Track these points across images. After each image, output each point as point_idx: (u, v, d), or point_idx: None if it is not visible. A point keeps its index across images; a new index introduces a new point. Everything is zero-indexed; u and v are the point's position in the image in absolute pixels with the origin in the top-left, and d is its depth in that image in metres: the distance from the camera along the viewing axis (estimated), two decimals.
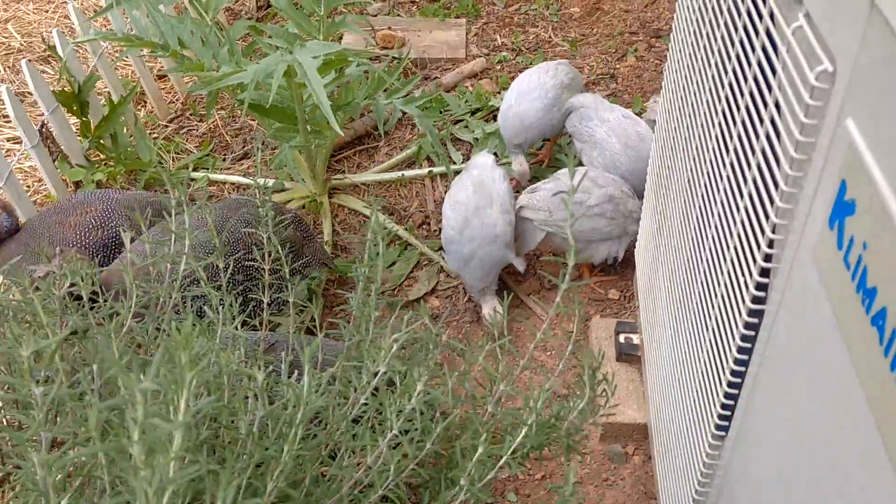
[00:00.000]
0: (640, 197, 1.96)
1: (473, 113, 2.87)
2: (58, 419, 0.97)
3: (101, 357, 0.92)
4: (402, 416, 0.89)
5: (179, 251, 1.28)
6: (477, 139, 2.74)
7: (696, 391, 1.24)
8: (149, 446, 0.72)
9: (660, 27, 3.30)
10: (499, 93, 2.96)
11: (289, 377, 1.14)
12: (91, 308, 1.24)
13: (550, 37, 3.27)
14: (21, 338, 0.88)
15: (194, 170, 2.68)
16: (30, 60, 2.26)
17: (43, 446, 0.88)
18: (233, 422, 0.94)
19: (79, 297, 1.22)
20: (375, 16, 3.40)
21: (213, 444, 0.96)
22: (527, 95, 2.44)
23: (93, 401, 0.90)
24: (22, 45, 3.12)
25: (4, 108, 2.24)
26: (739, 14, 1.12)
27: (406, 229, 2.43)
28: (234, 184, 2.63)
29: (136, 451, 0.70)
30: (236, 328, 1.18)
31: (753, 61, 1.04)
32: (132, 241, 1.27)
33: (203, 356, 0.79)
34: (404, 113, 2.78)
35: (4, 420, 1.23)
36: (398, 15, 3.42)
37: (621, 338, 1.93)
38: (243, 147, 2.77)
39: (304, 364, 0.87)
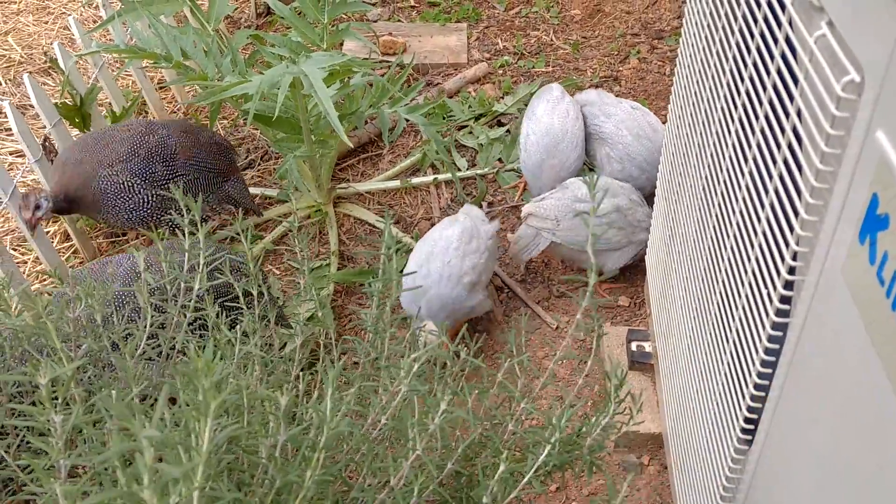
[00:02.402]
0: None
1: (477, 118, 2.85)
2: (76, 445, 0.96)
3: (118, 383, 0.91)
4: (426, 435, 0.88)
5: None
6: (482, 145, 2.72)
7: (717, 403, 1.23)
8: (161, 488, 0.71)
9: (662, 28, 3.29)
10: (502, 97, 2.94)
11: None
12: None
13: (552, 40, 3.25)
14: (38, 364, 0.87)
15: None
16: (31, 73, 2.24)
17: (62, 474, 0.87)
18: (253, 445, 0.93)
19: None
20: (376, 21, 3.39)
21: (233, 467, 0.94)
22: (560, 145, 2.30)
23: (112, 428, 0.89)
24: (23, 57, 3.10)
25: (6, 121, 2.22)
26: (756, 20, 1.11)
27: (412, 238, 2.41)
28: None
29: (147, 495, 0.69)
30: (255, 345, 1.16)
31: (772, 69, 1.03)
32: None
33: (225, 380, 0.77)
34: (408, 120, 2.76)
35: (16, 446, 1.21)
36: (399, 20, 3.40)
37: (633, 346, 1.92)
38: (247, 156, 2.75)
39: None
